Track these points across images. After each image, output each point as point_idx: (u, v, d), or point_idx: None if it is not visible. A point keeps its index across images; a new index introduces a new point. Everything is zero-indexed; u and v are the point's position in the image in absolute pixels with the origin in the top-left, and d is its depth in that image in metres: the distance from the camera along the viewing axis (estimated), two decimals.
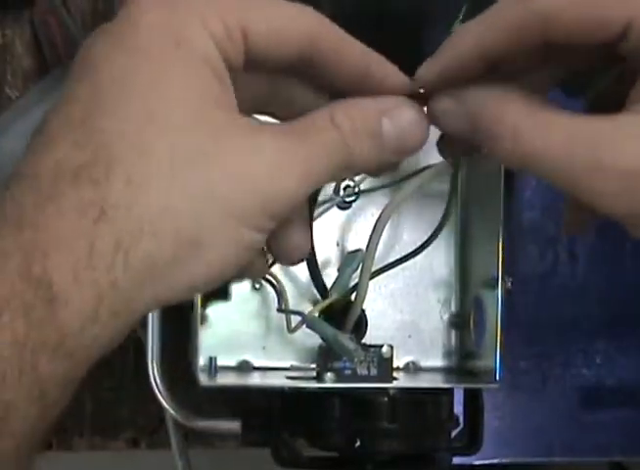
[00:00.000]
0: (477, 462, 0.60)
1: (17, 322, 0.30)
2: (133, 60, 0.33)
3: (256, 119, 0.36)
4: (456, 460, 0.55)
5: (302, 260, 0.41)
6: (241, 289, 0.53)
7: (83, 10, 0.59)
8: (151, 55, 0.33)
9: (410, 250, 0.52)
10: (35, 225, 0.31)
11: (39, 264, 0.30)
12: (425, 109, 0.38)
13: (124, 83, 0.33)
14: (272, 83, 0.38)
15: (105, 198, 0.31)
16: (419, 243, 0.52)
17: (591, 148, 0.34)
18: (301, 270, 0.53)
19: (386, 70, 0.38)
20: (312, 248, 0.51)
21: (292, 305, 0.52)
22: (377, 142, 0.36)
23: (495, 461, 0.62)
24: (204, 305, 0.51)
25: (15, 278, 0.30)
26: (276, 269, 0.52)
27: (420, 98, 0.37)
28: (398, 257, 0.52)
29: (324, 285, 0.51)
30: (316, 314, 0.49)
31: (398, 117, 0.37)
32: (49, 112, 0.34)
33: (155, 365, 0.53)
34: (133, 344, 0.58)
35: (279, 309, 0.51)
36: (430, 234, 0.52)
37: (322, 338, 0.50)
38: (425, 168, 0.49)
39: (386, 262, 0.52)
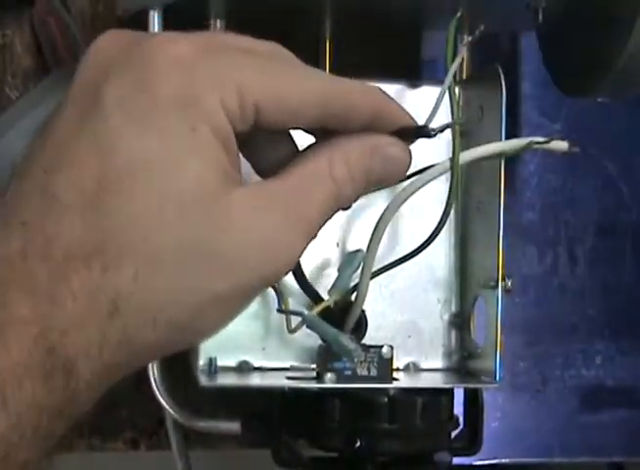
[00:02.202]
0: (477, 462, 0.60)
1: (37, 390, 0.32)
2: (150, 140, 0.33)
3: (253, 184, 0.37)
4: (456, 460, 0.55)
5: None
6: None
7: (83, 10, 0.59)
8: (169, 137, 0.33)
9: (410, 250, 0.52)
10: (52, 300, 0.32)
11: (58, 341, 0.32)
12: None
13: (140, 163, 0.33)
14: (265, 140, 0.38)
15: (116, 289, 0.33)
16: (419, 243, 0.52)
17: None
18: None
19: (393, 112, 0.38)
20: (299, 266, 0.51)
21: (291, 305, 0.51)
22: (367, 182, 0.38)
23: (495, 462, 0.62)
24: None
25: (31, 347, 0.32)
26: None
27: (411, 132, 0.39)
28: (398, 257, 0.52)
29: (315, 291, 0.51)
30: (316, 315, 0.49)
31: (389, 156, 0.38)
32: (47, 155, 0.34)
33: (154, 366, 0.53)
34: None
35: (279, 310, 0.51)
36: (429, 234, 0.52)
37: (322, 338, 0.50)
38: (425, 169, 0.49)
39: (385, 263, 0.52)
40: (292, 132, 0.39)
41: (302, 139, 0.39)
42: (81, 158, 0.33)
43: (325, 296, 0.51)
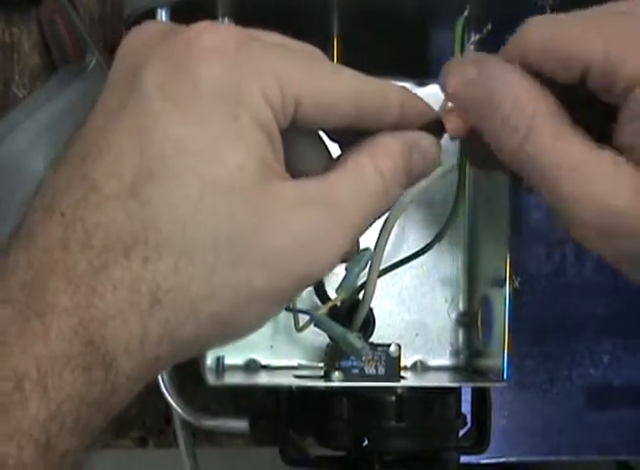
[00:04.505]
0: (484, 461, 0.60)
1: (78, 380, 0.32)
2: (190, 127, 0.33)
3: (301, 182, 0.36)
4: (464, 459, 0.55)
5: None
6: None
7: (91, 9, 0.59)
8: (210, 124, 0.33)
9: (417, 249, 0.52)
10: (92, 290, 0.32)
11: (98, 332, 0.32)
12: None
13: (181, 152, 0.33)
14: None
15: (157, 281, 0.32)
16: (426, 242, 0.52)
17: (588, 177, 0.35)
18: None
19: (419, 108, 0.38)
20: None
21: (299, 304, 0.51)
22: (409, 177, 0.38)
23: (503, 460, 0.62)
24: None
25: (72, 337, 0.32)
26: None
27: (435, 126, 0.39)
28: (406, 256, 0.52)
29: (323, 290, 0.51)
30: (324, 313, 0.49)
31: (424, 150, 0.38)
32: (85, 142, 0.34)
33: None
34: None
35: (287, 308, 0.51)
36: (437, 233, 0.52)
37: (330, 337, 0.50)
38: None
39: (393, 261, 0.52)
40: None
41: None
42: (121, 144, 0.33)
43: (332, 295, 0.51)
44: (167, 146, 0.32)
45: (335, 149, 0.39)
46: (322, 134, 0.39)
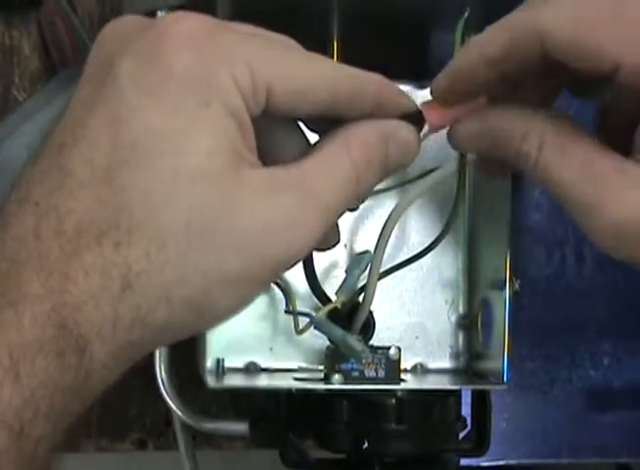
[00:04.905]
0: (484, 463, 0.60)
1: (51, 366, 0.32)
2: (164, 114, 0.33)
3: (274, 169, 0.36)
4: (464, 462, 0.55)
5: (335, 246, 0.42)
6: None
7: (90, 11, 0.59)
8: (181, 111, 0.33)
9: (417, 251, 0.52)
10: (64, 276, 0.32)
11: (70, 317, 0.32)
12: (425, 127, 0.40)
13: (152, 139, 0.33)
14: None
15: (128, 266, 0.33)
16: (426, 244, 0.52)
17: (596, 186, 0.36)
18: None
19: (396, 98, 0.38)
20: (311, 261, 0.51)
21: (299, 306, 0.51)
22: (385, 166, 0.38)
23: (503, 462, 0.62)
24: None
25: (45, 322, 0.32)
26: None
27: (414, 118, 0.39)
28: (406, 258, 0.52)
29: (323, 293, 0.51)
30: (324, 316, 0.49)
31: (402, 140, 0.38)
32: (62, 133, 0.34)
33: (162, 367, 0.53)
34: None
35: (287, 311, 0.51)
36: (437, 235, 0.52)
37: (330, 339, 0.50)
38: (432, 170, 0.49)
39: (393, 264, 0.52)
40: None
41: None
42: (94, 132, 0.33)
43: (333, 297, 0.51)
44: (140, 134, 0.33)
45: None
46: (302, 125, 0.39)
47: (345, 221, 0.54)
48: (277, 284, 0.52)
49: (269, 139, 0.37)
